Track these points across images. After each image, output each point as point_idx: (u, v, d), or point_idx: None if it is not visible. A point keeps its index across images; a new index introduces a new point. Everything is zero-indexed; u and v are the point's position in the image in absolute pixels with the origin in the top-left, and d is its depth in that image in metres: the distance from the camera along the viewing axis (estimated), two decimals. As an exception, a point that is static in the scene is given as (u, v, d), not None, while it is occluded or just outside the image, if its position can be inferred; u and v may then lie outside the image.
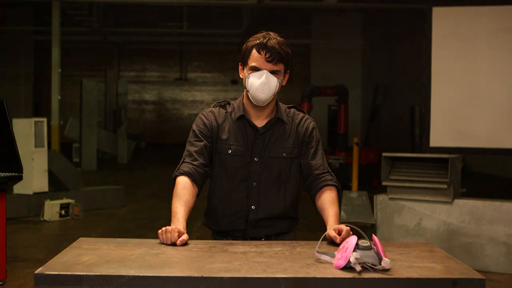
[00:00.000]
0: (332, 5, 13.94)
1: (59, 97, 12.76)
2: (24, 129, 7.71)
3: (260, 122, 2.45)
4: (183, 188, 2.34)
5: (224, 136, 2.43)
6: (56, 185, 8.45)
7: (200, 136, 2.44)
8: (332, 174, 2.48)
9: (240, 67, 2.45)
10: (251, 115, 2.45)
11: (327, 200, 2.38)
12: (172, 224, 2.23)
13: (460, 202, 5.51)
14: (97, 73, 22.73)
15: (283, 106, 2.51)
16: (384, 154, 5.77)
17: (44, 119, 8.03)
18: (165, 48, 23.46)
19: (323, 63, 21.16)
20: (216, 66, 24.05)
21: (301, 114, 2.52)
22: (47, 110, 14.19)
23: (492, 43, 5.84)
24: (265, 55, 2.34)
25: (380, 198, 5.80)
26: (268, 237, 2.44)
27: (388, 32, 18.81)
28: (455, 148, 5.87)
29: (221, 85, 24.37)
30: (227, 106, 2.51)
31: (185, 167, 2.40)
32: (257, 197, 2.41)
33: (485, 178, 13.45)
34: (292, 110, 2.53)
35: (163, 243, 2.15)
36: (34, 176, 7.79)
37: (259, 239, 2.41)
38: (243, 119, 2.45)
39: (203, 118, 2.48)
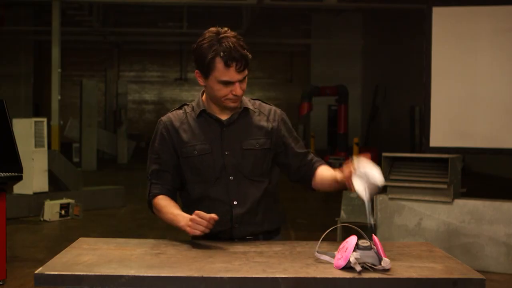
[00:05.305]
0: (332, 5, 13.95)
1: (59, 97, 12.78)
2: (24, 129, 7.71)
3: (225, 116, 2.35)
4: (165, 200, 2.32)
5: (186, 138, 2.34)
6: (56, 185, 8.45)
7: (159, 152, 2.37)
8: (315, 155, 2.51)
9: (198, 74, 2.28)
10: (215, 111, 2.35)
11: (324, 169, 2.39)
12: (177, 222, 2.19)
13: (460, 202, 5.51)
14: (97, 73, 22.73)
15: (246, 98, 2.43)
16: (384, 154, 5.76)
17: (44, 119, 8.03)
18: (165, 48, 23.45)
19: (323, 63, 21.16)
20: (216, 66, 24.01)
21: (268, 106, 2.45)
22: (47, 110, 14.19)
23: (492, 43, 5.84)
24: (235, 66, 2.20)
25: (380, 198, 5.79)
26: (255, 236, 2.36)
27: (388, 32, 18.80)
28: (455, 148, 5.86)
29: (221, 85, 24.34)
30: (185, 107, 2.42)
31: (155, 189, 2.36)
32: (236, 190, 2.33)
33: (485, 178, 13.45)
34: (258, 102, 2.46)
35: (195, 236, 2.14)
36: (34, 176, 7.79)
37: (246, 238, 2.34)
38: (205, 115, 2.36)
39: (160, 127, 2.38)
